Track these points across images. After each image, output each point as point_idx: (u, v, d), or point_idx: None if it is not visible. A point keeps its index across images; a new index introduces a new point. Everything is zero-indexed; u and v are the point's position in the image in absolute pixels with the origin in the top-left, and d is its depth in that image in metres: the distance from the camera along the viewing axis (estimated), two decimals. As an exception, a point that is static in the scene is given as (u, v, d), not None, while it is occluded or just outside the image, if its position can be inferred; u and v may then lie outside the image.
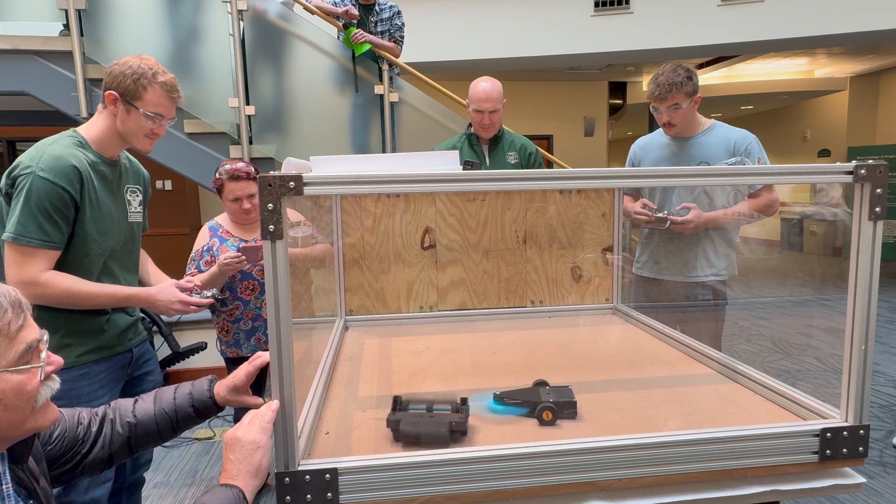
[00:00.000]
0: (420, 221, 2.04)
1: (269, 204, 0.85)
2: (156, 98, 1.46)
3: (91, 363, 1.46)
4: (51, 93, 3.27)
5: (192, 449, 2.87)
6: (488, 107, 2.33)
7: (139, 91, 1.44)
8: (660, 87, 1.95)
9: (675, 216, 1.97)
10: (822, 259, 8.42)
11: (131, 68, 1.43)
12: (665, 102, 1.96)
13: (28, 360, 0.74)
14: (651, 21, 5.81)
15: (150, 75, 1.44)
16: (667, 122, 2.02)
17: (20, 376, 0.73)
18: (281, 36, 3.62)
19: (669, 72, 1.94)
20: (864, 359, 1.02)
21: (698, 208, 1.97)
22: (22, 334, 0.73)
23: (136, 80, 1.43)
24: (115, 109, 1.45)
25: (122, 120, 1.46)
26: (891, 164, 1.03)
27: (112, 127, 1.47)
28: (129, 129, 1.47)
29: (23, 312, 0.74)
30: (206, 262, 2.07)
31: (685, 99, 1.95)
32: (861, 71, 8.68)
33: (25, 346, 0.73)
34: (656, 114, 2.04)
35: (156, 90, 1.46)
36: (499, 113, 2.38)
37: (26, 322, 0.75)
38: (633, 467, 1.00)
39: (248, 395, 1.07)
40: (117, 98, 1.43)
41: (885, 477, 2.47)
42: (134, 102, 1.44)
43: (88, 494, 1.46)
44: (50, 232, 1.34)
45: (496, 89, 2.36)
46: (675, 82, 1.92)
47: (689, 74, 1.95)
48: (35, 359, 0.75)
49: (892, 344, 4.38)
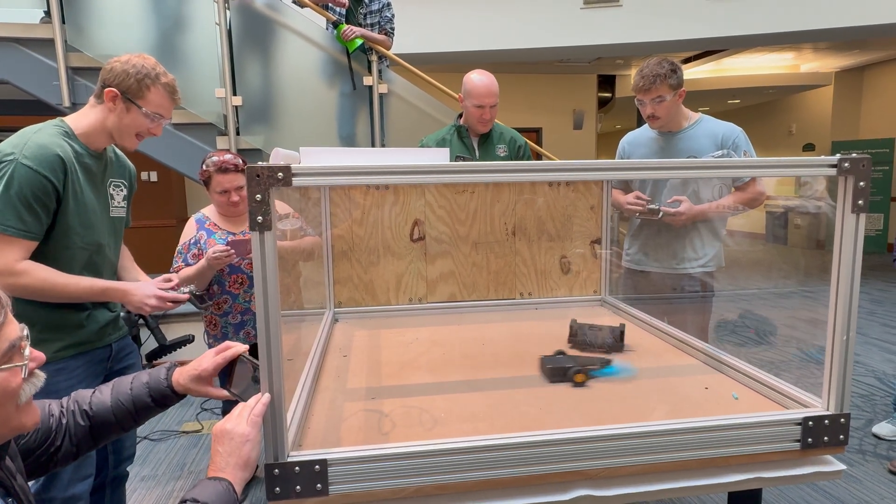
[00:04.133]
0: (409, 213, 2.03)
1: (257, 195, 0.84)
2: (158, 98, 1.46)
3: (68, 358, 1.44)
4: (31, 81, 3.20)
5: (180, 442, 2.86)
6: (490, 101, 2.31)
7: (142, 90, 1.43)
8: (644, 79, 1.96)
9: (668, 208, 1.99)
10: (805, 252, 8.54)
11: (135, 67, 1.42)
12: (649, 94, 1.97)
13: (10, 358, 0.72)
14: (640, 15, 5.82)
15: (154, 75, 1.44)
16: (651, 115, 2.03)
17: (3, 374, 0.71)
18: (268, 26, 3.57)
19: (654, 64, 1.96)
20: (845, 349, 1.04)
21: (689, 201, 2.00)
22: (4, 332, 0.71)
23: (140, 79, 1.42)
24: (113, 106, 1.43)
25: (120, 117, 1.44)
26: (873, 159, 1.04)
27: (104, 122, 1.45)
28: (126, 126, 1.46)
29: (2, 309, 0.72)
30: (193, 255, 2.05)
31: (669, 91, 1.96)
32: (846, 66, 8.78)
33: (8, 345, 0.71)
34: (641, 106, 2.05)
35: (159, 91, 1.45)
36: (497, 107, 2.36)
37: (7, 319, 0.72)
38: (620, 456, 1.01)
39: (212, 385, 1.03)
40: (118, 95, 1.42)
41: (865, 464, 2.52)
42: (136, 101, 1.43)
43: (69, 491, 1.44)
44: (28, 221, 1.32)
45: (495, 83, 2.34)
46: (659, 74, 1.94)
47: (674, 68, 1.97)
48: (17, 356, 0.73)
49: (872, 335, 4.47)
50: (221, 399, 1.04)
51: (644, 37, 5.87)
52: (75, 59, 3.20)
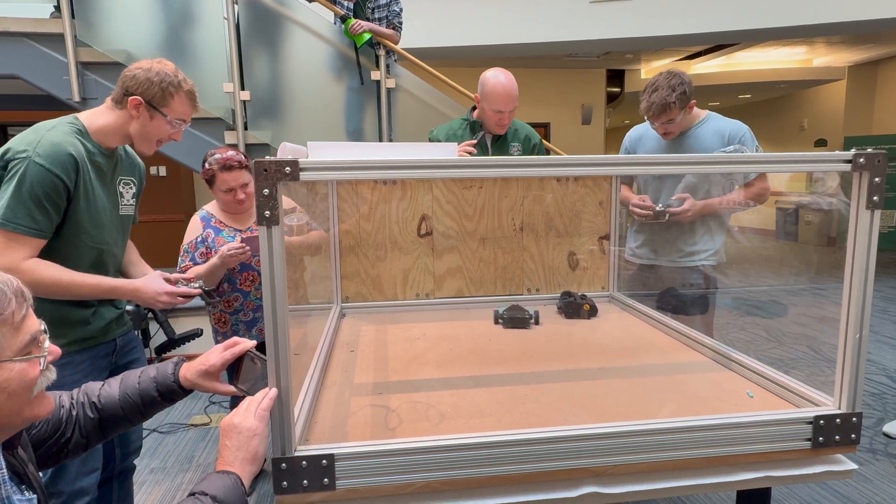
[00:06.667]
0: (417, 209, 2.03)
1: (265, 189, 0.84)
2: (181, 106, 1.47)
3: (73, 353, 1.45)
4: (42, 76, 3.22)
5: (189, 435, 2.88)
6: (510, 107, 2.20)
7: (166, 99, 1.43)
8: (653, 108, 1.94)
9: (673, 208, 2.00)
10: (816, 248, 8.46)
11: (158, 75, 1.42)
12: (659, 119, 1.98)
13: (30, 350, 0.75)
14: (650, 9, 5.76)
15: (177, 83, 1.45)
16: (664, 133, 2.05)
17: (23, 365, 0.74)
18: (276, 20, 3.57)
19: (663, 89, 1.92)
20: (858, 347, 1.03)
21: (692, 198, 2.00)
22: (26, 325, 0.74)
23: (164, 87, 1.42)
24: (137, 114, 1.44)
25: (143, 124, 1.45)
26: (887, 155, 1.02)
27: (123, 127, 1.46)
28: (148, 133, 1.46)
29: (25, 302, 0.75)
30: (201, 253, 2.03)
31: (679, 113, 1.96)
32: (859, 60, 8.65)
33: (30, 338, 0.74)
34: (651, 125, 2.06)
35: (182, 98, 1.46)
36: (515, 110, 2.27)
37: (28, 313, 0.75)
38: (629, 454, 1.01)
39: (219, 381, 1.03)
40: (142, 103, 1.42)
41: (875, 463, 2.50)
42: (160, 109, 1.44)
43: (77, 484, 1.45)
44: (39, 220, 1.32)
45: (515, 87, 2.21)
46: (668, 104, 1.91)
47: (683, 89, 1.92)
48: (36, 349, 0.76)
49: (884, 333, 4.42)
50: (229, 395, 1.04)
51: (653, 31, 5.81)
52: (85, 54, 3.21)
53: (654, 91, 1.94)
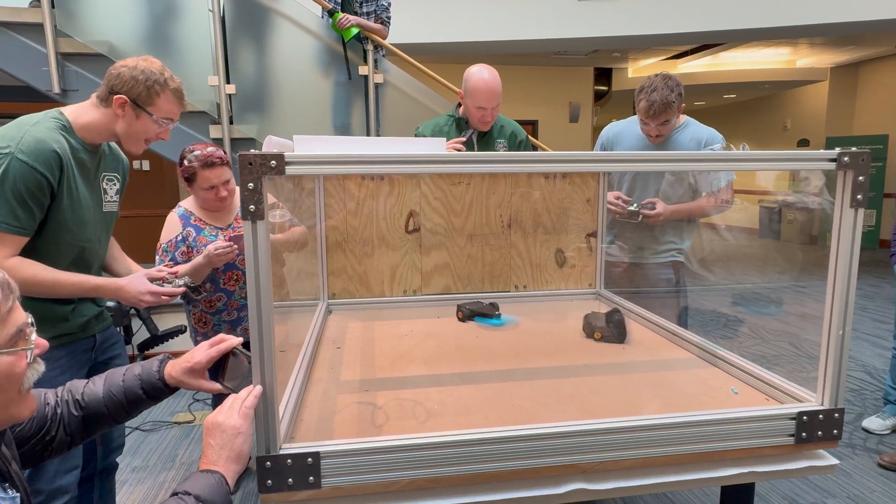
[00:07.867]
0: (404, 205, 2.01)
1: (249, 183, 0.82)
2: (167, 105, 1.44)
3: (52, 349, 1.42)
4: (20, 67, 3.14)
5: (172, 433, 2.85)
6: (493, 104, 2.21)
7: (152, 97, 1.40)
8: (654, 107, 1.98)
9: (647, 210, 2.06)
10: (798, 247, 8.59)
11: (144, 73, 1.39)
12: (659, 119, 2.01)
13: (16, 342, 0.74)
14: (637, 7, 5.79)
15: (163, 81, 1.41)
16: (657, 135, 2.09)
17: (10, 358, 0.73)
18: (263, 13, 3.52)
19: (663, 89, 1.97)
20: (841, 344, 1.04)
21: (662, 202, 2.07)
22: (12, 317, 0.73)
23: (150, 86, 1.39)
24: (122, 113, 1.41)
25: (130, 124, 1.42)
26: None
27: (108, 125, 1.43)
28: (135, 133, 1.43)
29: (11, 294, 0.74)
30: (182, 252, 1.97)
31: (675, 115, 2.03)
32: (841, 62, 8.79)
33: (16, 329, 0.73)
34: (645, 127, 2.09)
35: (168, 97, 1.43)
36: (498, 107, 2.27)
37: (14, 305, 0.74)
38: (615, 450, 1.01)
39: (205, 378, 1.02)
40: (127, 102, 1.39)
41: (854, 458, 2.55)
42: (146, 108, 1.41)
43: (56, 482, 1.42)
44: (21, 217, 1.29)
45: (499, 84, 2.21)
46: (670, 102, 1.96)
47: (679, 91, 2.01)
48: (23, 341, 0.75)
49: (863, 330, 4.50)
50: (214, 392, 1.03)
51: (641, 30, 5.85)
52: (65, 45, 3.13)
53: (654, 91, 1.98)
